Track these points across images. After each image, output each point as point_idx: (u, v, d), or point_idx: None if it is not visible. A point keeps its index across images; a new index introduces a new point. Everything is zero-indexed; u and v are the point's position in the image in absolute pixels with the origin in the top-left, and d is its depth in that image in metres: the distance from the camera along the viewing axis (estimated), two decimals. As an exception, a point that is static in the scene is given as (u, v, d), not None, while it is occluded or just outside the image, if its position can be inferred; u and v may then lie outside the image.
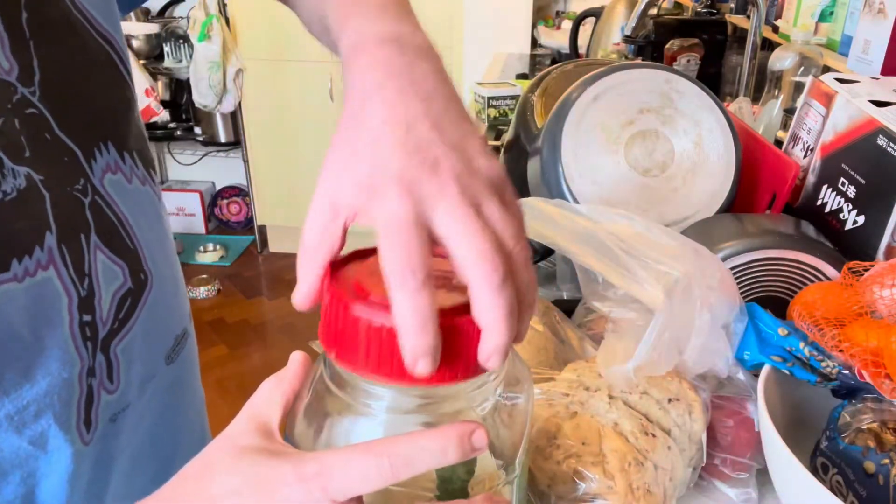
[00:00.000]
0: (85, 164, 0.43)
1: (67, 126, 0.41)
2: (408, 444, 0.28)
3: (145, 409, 0.49)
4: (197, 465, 0.31)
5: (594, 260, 0.49)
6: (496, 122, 1.64)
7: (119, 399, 0.46)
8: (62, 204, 0.41)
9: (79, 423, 0.43)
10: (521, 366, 0.36)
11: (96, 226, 0.43)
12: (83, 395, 0.43)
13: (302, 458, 0.29)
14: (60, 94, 0.41)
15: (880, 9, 1.10)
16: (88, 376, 0.43)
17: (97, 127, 0.45)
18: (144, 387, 0.49)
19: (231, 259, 3.28)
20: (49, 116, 0.40)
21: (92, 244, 0.43)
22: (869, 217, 0.64)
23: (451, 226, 0.30)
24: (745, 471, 0.55)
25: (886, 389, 0.48)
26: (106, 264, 0.44)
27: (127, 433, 0.48)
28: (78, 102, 0.43)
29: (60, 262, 0.41)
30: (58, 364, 0.41)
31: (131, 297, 0.46)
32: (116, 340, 0.45)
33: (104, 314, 0.44)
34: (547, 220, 0.53)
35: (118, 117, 0.47)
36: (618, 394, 0.52)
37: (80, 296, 0.42)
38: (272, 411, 0.32)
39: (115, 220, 0.45)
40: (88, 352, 0.43)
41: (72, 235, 0.42)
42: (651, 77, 0.71)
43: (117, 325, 0.45)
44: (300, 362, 0.35)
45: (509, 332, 0.29)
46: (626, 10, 1.89)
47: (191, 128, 3.24)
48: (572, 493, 0.48)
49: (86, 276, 0.42)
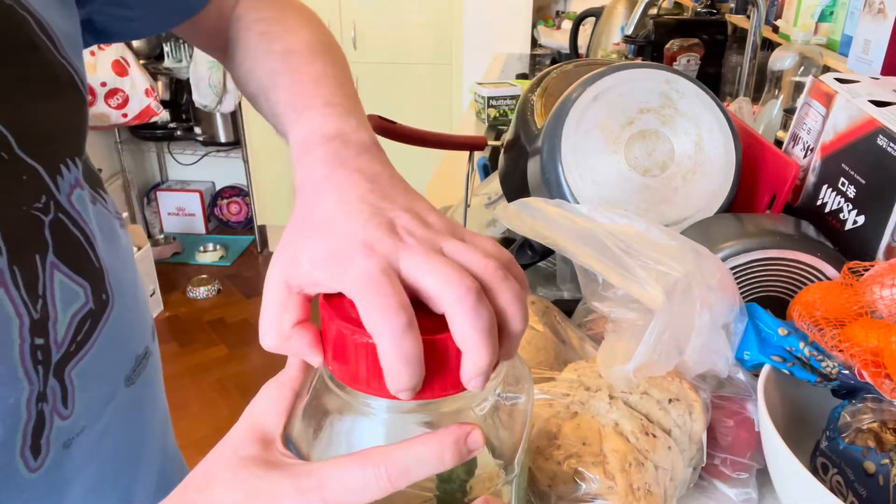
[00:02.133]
0: (49, 181, 0.42)
1: (28, 145, 0.40)
2: (405, 454, 0.28)
3: (103, 432, 0.48)
4: (199, 477, 0.31)
5: (594, 260, 0.49)
6: (496, 122, 1.64)
7: (73, 424, 0.44)
8: (15, 224, 0.39)
9: (24, 450, 0.41)
10: (521, 366, 0.36)
11: (56, 245, 0.42)
12: (31, 421, 0.41)
13: (300, 470, 0.29)
14: (21, 114, 0.40)
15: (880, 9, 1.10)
16: (39, 401, 0.41)
17: (61, 145, 0.43)
18: (101, 410, 0.47)
19: (231, 259, 3.28)
20: (8, 135, 0.39)
21: (48, 264, 0.41)
22: (869, 217, 0.64)
23: (417, 267, 0.30)
24: (745, 471, 0.55)
25: (886, 389, 0.48)
26: (65, 284, 0.43)
27: (82, 457, 0.46)
28: (41, 121, 0.42)
29: (11, 284, 0.39)
30: (5, 389, 0.40)
31: (91, 319, 0.45)
32: (72, 364, 0.44)
33: (59, 337, 0.42)
34: (547, 220, 0.53)
35: (80, 137, 0.46)
36: (618, 394, 0.52)
37: (33, 318, 0.40)
38: (272, 418, 0.32)
39: (81, 237, 0.44)
40: (39, 376, 0.41)
41: (25, 256, 0.40)
42: (651, 77, 0.71)
43: (74, 348, 0.44)
44: (299, 365, 0.35)
45: (490, 352, 0.29)
46: (626, 10, 1.89)
47: (191, 128, 3.24)
48: (573, 493, 0.48)
49: (39, 298, 0.41)
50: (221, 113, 3.08)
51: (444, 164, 1.42)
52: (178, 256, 3.29)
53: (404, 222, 0.33)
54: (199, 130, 3.23)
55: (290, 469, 0.29)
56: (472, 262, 0.31)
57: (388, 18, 2.92)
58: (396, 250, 0.31)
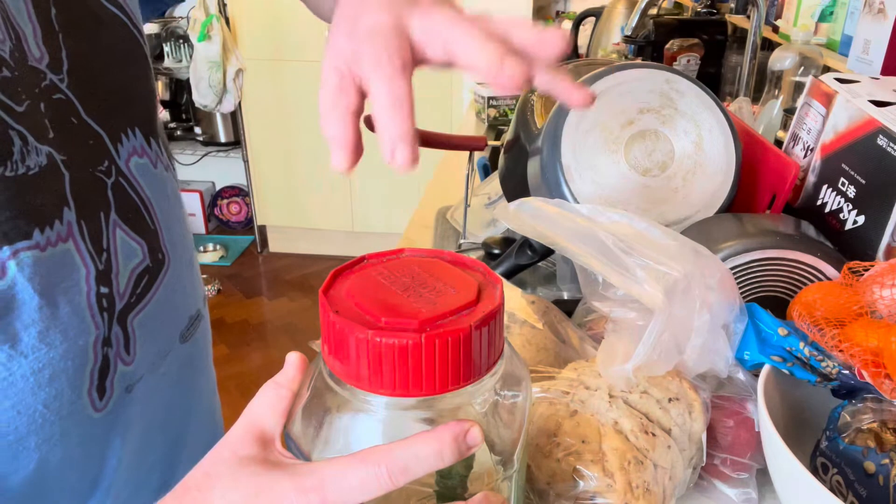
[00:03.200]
0: (111, 147, 0.46)
1: (94, 112, 0.44)
2: (404, 451, 0.28)
3: (159, 382, 0.52)
4: (198, 476, 0.31)
5: (594, 260, 0.49)
6: (496, 122, 1.64)
7: (135, 370, 0.48)
8: (82, 183, 0.43)
9: (91, 390, 0.45)
10: (520, 364, 0.36)
11: (117, 205, 0.46)
12: (97, 364, 0.45)
13: (300, 470, 0.29)
14: (88, 83, 0.44)
15: (880, 9, 1.10)
16: (104, 346, 0.45)
17: (124, 114, 0.47)
18: (159, 362, 0.51)
19: (231, 259, 3.28)
20: (76, 102, 0.43)
21: (111, 222, 0.46)
22: (869, 217, 0.64)
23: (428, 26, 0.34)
24: (745, 471, 0.55)
25: (886, 389, 0.48)
26: (125, 241, 0.47)
27: (140, 404, 0.50)
28: (105, 91, 0.46)
29: (79, 236, 0.43)
30: (74, 331, 0.43)
31: (149, 275, 0.49)
32: (133, 314, 0.47)
33: (121, 288, 0.46)
34: (547, 220, 0.53)
35: (146, 106, 0.50)
36: (618, 393, 0.52)
37: (98, 269, 0.44)
38: (271, 418, 0.33)
39: (138, 201, 0.48)
40: (105, 322, 0.45)
41: (91, 212, 0.44)
42: (651, 77, 0.71)
43: (134, 300, 0.47)
44: (296, 365, 0.35)
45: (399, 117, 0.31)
46: (626, 10, 1.89)
47: (191, 128, 3.24)
48: (572, 490, 0.48)
49: (104, 251, 0.45)
50: (221, 113, 3.08)
51: (444, 164, 1.42)
52: (178, 256, 3.29)
53: None
54: (199, 130, 3.23)
55: (289, 468, 0.29)
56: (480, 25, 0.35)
57: (388, 18, 2.92)
58: (411, 9, 0.35)
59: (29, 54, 0.40)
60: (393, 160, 0.30)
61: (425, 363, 0.30)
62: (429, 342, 0.29)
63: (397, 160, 0.29)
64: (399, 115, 0.29)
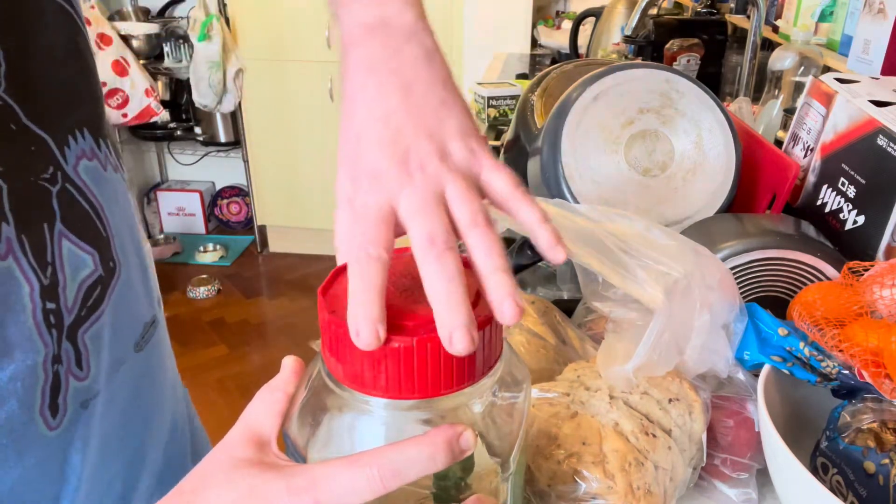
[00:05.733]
0: (57, 152, 0.43)
1: (36, 115, 0.41)
2: (396, 455, 0.28)
3: (115, 395, 0.50)
4: (194, 479, 0.31)
5: (594, 260, 0.49)
6: (496, 122, 1.63)
7: (89, 386, 0.47)
8: (22, 194, 0.41)
9: (42, 409, 0.44)
10: (519, 365, 0.36)
11: (63, 214, 0.43)
12: (48, 382, 0.43)
13: (294, 471, 0.29)
14: (28, 84, 0.41)
15: (880, 9, 1.10)
16: (54, 363, 0.44)
17: (70, 115, 0.45)
18: (114, 374, 0.49)
19: (231, 259, 3.28)
20: (15, 106, 0.40)
21: (56, 233, 0.43)
22: (869, 217, 0.64)
23: (409, 210, 0.33)
24: (745, 471, 0.55)
25: (886, 389, 0.48)
26: (73, 252, 0.44)
27: (98, 419, 0.48)
28: (48, 92, 0.43)
29: (20, 252, 0.41)
30: (21, 351, 0.41)
31: (101, 286, 0.46)
32: (84, 328, 0.45)
33: (69, 302, 0.44)
34: (547, 220, 0.53)
35: (93, 105, 0.47)
36: (618, 394, 0.52)
37: (43, 284, 0.42)
38: (267, 422, 0.33)
39: (88, 207, 0.45)
40: (53, 339, 0.43)
41: (33, 225, 0.42)
42: (651, 77, 0.71)
43: (85, 313, 0.45)
44: (292, 369, 0.35)
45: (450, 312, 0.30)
46: (626, 10, 1.89)
47: (191, 128, 3.24)
48: (572, 492, 0.48)
49: (48, 265, 0.42)
50: (221, 113, 3.08)
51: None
52: (178, 256, 3.29)
53: (420, 154, 0.35)
54: (199, 130, 3.23)
55: (283, 470, 0.29)
56: (461, 213, 0.33)
57: (388, 18, 2.92)
58: (400, 187, 0.33)
59: None
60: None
61: (423, 365, 0.30)
62: (426, 344, 0.29)
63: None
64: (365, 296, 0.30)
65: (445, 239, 0.32)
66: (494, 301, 0.31)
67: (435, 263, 0.31)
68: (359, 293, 0.30)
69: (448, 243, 0.32)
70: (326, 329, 0.31)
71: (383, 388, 0.30)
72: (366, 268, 0.30)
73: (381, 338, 0.29)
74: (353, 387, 0.31)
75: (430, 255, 0.31)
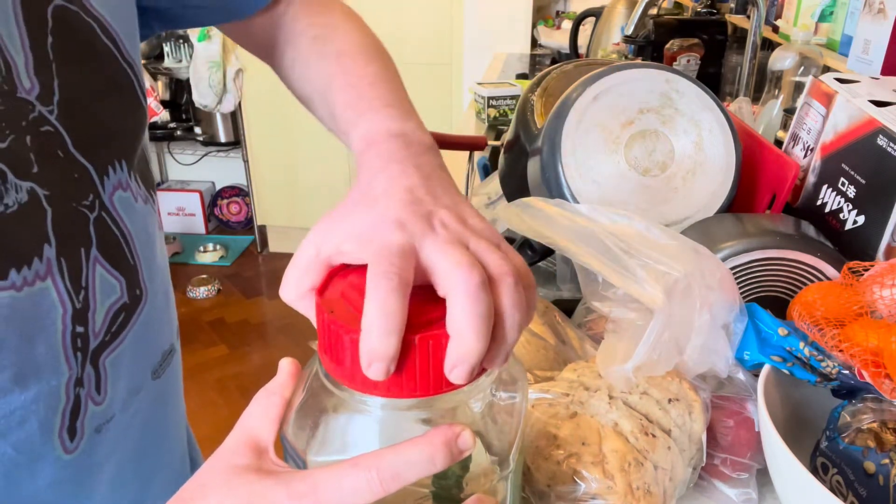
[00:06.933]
0: (97, 180, 0.44)
1: (83, 145, 0.43)
2: (395, 457, 0.28)
3: (130, 421, 0.50)
4: (192, 487, 0.31)
5: (594, 260, 0.49)
6: (496, 122, 1.63)
7: (105, 410, 0.47)
8: (64, 218, 0.42)
9: (62, 431, 0.44)
10: (515, 365, 0.36)
11: (98, 240, 0.44)
12: (69, 404, 0.44)
13: (293, 477, 0.29)
14: (79, 115, 0.42)
15: (880, 9, 1.10)
16: (76, 386, 0.44)
17: (112, 147, 0.46)
18: (130, 400, 0.49)
19: (231, 259, 3.28)
20: (65, 134, 0.42)
21: (91, 258, 0.44)
22: (869, 217, 0.64)
23: (435, 250, 0.32)
24: (745, 471, 0.55)
25: (886, 389, 0.48)
26: (104, 278, 0.45)
27: (111, 444, 0.48)
28: (96, 123, 0.44)
29: (58, 274, 0.42)
30: (47, 373, 0.42)
31: (125, 312, 0.47)
32: (106, 353, 0.46)
33: (97, 327, 0.45)
34: (547, 220, 0.53)
35: (132, 139, 0.48)
36: (618, 394, 0.52)
37: (75, 307, 0.43)
38: (265, 427, 0.33)
39: (119, 236, 0.47)
40: (78, 362, 0.44)
41: (71, 249, 0.43)
42: (651, 77, 0.71)
43: (108, 338, 0.46)
44: (289, 372, 0.35)
45: (478, 342, 0.29)
46: (626, 10, 1.89)
47: (191, 128, 3.24)
48: (572, 493, 0.48)
49: (82, 289, 0.43)
50: (221, 113, 3.08)
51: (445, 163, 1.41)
52: (178, 256, 3.29)
53: (442, 216, 0.34)
54: (199, 130, 3.23)
55: (283, 476, 0.29)
56: (490, 260, 0.32)
57: (387, 18, 2.92)
58: (424, 234, 0.32)
59: (19, 86, 0.39)
60: (367, 371, 0.29)
61: (424, 364, 0.30)
62: (427, 342, 0.29)
63: (371, 374, 0.29)
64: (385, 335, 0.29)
65: (480, 273, 0.31)
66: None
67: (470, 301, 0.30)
68: (376, 327, 0.28)
69: (483, 279, 0.31)
70: (324, 330, 0.31)
71: (380, 388, 0.30)
72: (386, 298, 0.29)
73: (389, 373, 0.29)
74: (351, 387, 0.31)
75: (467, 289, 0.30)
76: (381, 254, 0.30)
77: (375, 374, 0.29)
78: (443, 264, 0.31)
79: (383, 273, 0.30)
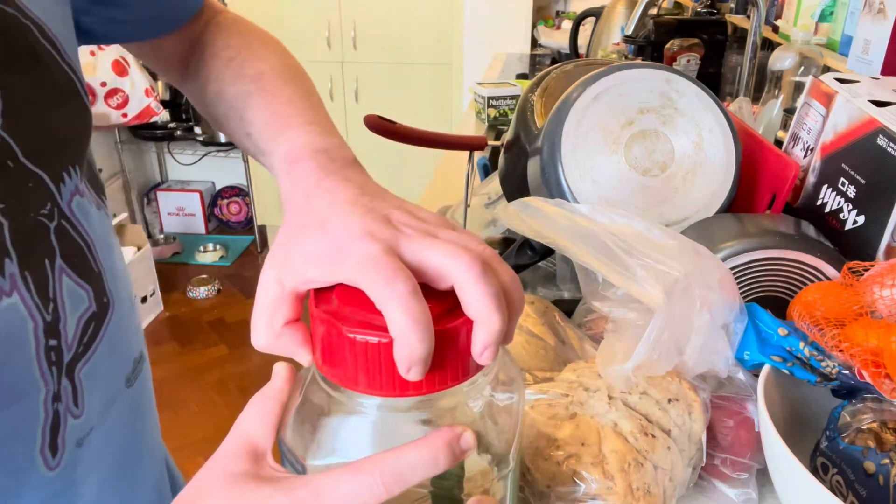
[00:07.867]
0: (53, 188, 0.43)
1: (33, 153, 0.41)
2: (397, 460, 0.28)
3: (108, 432, 0.49)
4: (191, 493, 0.31)
5: (594, 260, 0.49)
6: (496, 122, 1.64)
7: (84, 423, 0.46)
8: (23, 230, 0.40)
9: (43, 448, 0.43)
10: (512, 365, 0.36)
11: (62, 250, 0.43)
12: (48, 420, 0.43)
13: (293, 483, 0.29)
14: (26, 122, 0.41)
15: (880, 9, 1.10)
16: (54, 401, 0.43)
17: (64, 152, 0.44)
18: (107, 411, 0.49)
19: (231, 259, 3.28)
20: (13, 144, 0.40)
21: (57, 268, 0.43)
22: (869, 217, 0.64)
23: (419, 247, 0.32)
24: (745, 471, 0.55)
25: (886, 389, 0.48)
26: (71, 288, 0.44)
27: (92, 457, 0.48)
28: (44, 130, 0.42)
29: (24, 288, 0.40)
30: (23, 390, 0.41)
31: (95, 321, 0.46)
32: (80, 365, 0.45)
33: (69, 338, 0.44)
34: (547, 220, 0.53)
35: (81, 145, 0.47)
36: (617, 394, 0.52)
37: (46, 321, 0.42)
38: (262, 432, 0.32)
39: (82, 243, 0.45)
40: (54, 377, 0.43)
41: (35, 261, 0.41)
42: (651, 77, 0.71)
43: (81, 350, 0.45)
44: (284, 376, 0.35)
45: (502, 318, 0.30)
46: (626, 10, 1.89)
47: (191, 128, 3.24)
48: (572, 493, 0.48)
49: (51, 301, 0.42)
50: (221, 113, 3.08)
51: (444, 164, 1.42)
52: (178, 256, 3.29)
53: (399, 217, 0.34)
54: (199, 130, 3.23)
55: (282, 482, 0.29)
56: (466, 242, 0.33)
57: (388, 18, 2.92)
58: (396, 237, 0.32)
59: None
60: (406, 375, 0.29)
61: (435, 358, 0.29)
62: (451, 334, 0.29)
63: (410, 377, 0.29)
64: (420, 334, 0.29)
65: (480, 253, 0.32)
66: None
67: (483, 284, 0.30)
68: (410, 329, 0.28)
69: (485, 261, 0.31)
70: (319, 332, 0.31)
71: (377, 388, 0.30)
72: (411, 306, 0.29)
73: (426, 371, 0.29)
74: (349, 387, 0.31)
75: (476, 273, 0.30)
76: (371, 264, 0.30)
77: (415, 376, 0.29)
78: (436, 258, 0.31)
79: (390, 279, 0.29)
